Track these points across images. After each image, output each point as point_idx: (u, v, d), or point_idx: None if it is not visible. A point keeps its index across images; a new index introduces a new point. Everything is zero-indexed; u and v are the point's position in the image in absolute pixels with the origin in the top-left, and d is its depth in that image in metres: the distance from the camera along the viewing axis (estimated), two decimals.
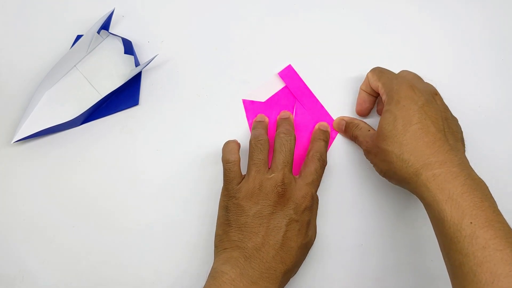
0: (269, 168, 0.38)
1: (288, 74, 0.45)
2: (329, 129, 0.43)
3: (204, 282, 0.34)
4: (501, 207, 0.33)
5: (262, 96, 0.45)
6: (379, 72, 0.41)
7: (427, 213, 0.34)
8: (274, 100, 0.45)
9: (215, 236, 0.37)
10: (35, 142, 0.44)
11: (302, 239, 0.36)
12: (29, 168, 0.43)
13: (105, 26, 0.46)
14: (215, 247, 0.37)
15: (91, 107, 0.43)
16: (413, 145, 0.34)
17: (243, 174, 0.38)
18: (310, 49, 0.46)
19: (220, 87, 0.45)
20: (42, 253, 0.41)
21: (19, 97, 0.45)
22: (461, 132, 0.39)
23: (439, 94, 0.39)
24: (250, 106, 0.44)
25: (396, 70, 0.46)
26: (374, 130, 0.41)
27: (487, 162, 0.44)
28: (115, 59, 0.46)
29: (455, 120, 0.40)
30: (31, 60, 0.46)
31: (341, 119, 0.44)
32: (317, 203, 0.39)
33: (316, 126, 0.43)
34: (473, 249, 0.30)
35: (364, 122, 0.43)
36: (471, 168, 0.35)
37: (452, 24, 0.47)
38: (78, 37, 0.46)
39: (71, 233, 0.42)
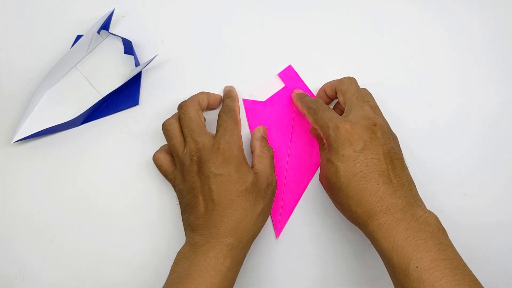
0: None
1: (288, 74, 0.45)
2: (231, 87, 0.45)
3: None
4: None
5: (262, 95, 0.45)
6: (313, 113, 0.39)
7: (382, 261, 0.35)
8: (274, 100, 0.45)
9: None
10: (35, 142, 0.44)
11: (239, 185, 0.36)
12: (29, 168, 0.43)
13: (105, 26, 0.46)
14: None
15: (91, 107, 0.43)
16: (358, 196, 0.35)
17: None
18: (310, 49, 0.46)
19: (220, 87, 0.45)
20: (42, 253, 0.41)
21: (19, 97, 0.45)
22: (400, 150, 0.38)
23: (379, 123, 0.37)
24: (251, 106, 0.44)
25: (396, 69, 0.46)
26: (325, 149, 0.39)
27: (488, 161, 0.44)
28: (115, 59, 0.46)
29: (396, 141, 0.39)
30: (31, 60, 0.46)
31: (315, 129, 0.42)
32: (232, 150, 0.38)
33: (224, 90, 0.45)
34: None
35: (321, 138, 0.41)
36: (417, 204, 0.35)
37: (452, 24, 0.47)
38: (78, 37, 0.46)
39: (71, 233, 0.42)
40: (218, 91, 0.45)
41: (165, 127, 0.40)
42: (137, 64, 0.44)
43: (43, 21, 0.47)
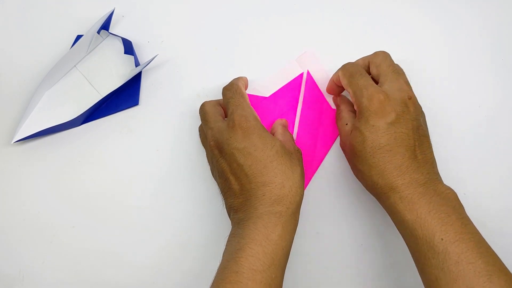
0: None
1: (307, 60, 0.45)
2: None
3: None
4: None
5: (266, 91, 0.45)
6: (349, 76, 0.38)
7: (399, 231, 0.35)
8: (278, 95, 0.45)
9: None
10: (35, 142, 0.44)
11: (268, 150, 0.35)
12: (29, 168, 0.43)
13: (105, 26, 0.46)
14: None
15: (91, 107, 0.43)
16: (381, 168, 0.35)
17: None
18: (310, 49, 0.46)
19: (220, 87, 0.45)
20: (42, 253, 0.41)
21: (19, 97, 0.45)
22: (427, 128, 0.38)
23: (413, 96, 0.37)
24: (254, 101, 0.44)
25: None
26: (352, 122, 0.40)
27: (488, 161, 0.44)
28: (115, 59, 0.46)
29: (424, 118, 0.39)
30: (31, 60, 0.46)
31: (336, 99, 0.44)
32: (240, 98, 0.39)
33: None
34: (447, 264, 0.31)
35: (347, 110, 0.41)
36: (439, 180, 0.35)
37: (452, 24, 0.47)
38: (78, 37, 0.46)
39: (71, 233, 0.42)
40: (218, 91, 0.45)
41: (200, 128, 0.42)
42: (137, 64, 0.44)
43: (43, 21, 0.47)
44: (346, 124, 0.40)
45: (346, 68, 0.39)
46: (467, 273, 0.30)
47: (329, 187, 0.43)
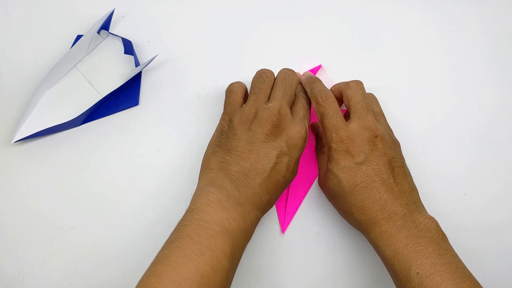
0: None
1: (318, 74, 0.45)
2: (311, 75, 0.43)
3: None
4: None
5: None
6: (321, 115, 0.38)
7: (385, 267, 0.36)
8: None
9: (204, 154, 0.38)
10: (35, 142, 0.44)
11: (290, 175, 0.36)
12: (29, 168, 0.43)
13: (105, 26, 0.46)
14: (201, 167, 0.37)
15: (91, 107, 0.43)
16: (361, 204, 0.35)
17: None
18: (310, 49, 0.46)
19: (220, 87, 0.45)
20: (42, 253, 0.41)
21: (19, 97, 0.45)
22: (403, 157, 0.38)
23: (380, 134, 0.37)
24: None
25: (396, 71, 0.46)
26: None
27: (487, 161, 0.44)
28: (115, 59, 0.46)
29: (398, 149, 0.38)
30: (31, 60, 0.46)
31: (317, 125, 0.43)
32: (306, 142, 0.38)
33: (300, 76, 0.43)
34: None
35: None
36: (418, 211, 0.35)
37: (452, 24, 0.47)
38: (78, 37, 0.46)
39: (71, 233, 0.42)
40: (218, 91, 0.45)
41: (263, 71, 0.39)
42: (137, 64, 0.44)
43: (43, 21, 0.47)
44: (327, 164, 0.39)
45: (317, 102, 0.38)
46: None
47: None
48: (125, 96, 0.44)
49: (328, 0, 0.48)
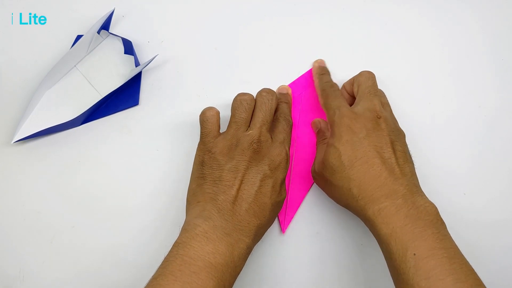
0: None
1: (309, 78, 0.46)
2: (289, 91, 0.44)
3: None
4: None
5: None
6: (325, 97, 0.41)
7: (379, 245, 0.35)
8: (298, 83, 0.45)
9: (188, 191, 0.37)
10: (35, 142, 0.44)
11: (276, 196, 0.36)
12: (29, 168, 0.43)
13: (105, 26, 0.46)
14: (187, 202, 0.37)
15: (91, 107, 0.43)
16: (360, 180, 0.35)
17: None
18: (310, 49, 0.46)
19: (220, 87, 0.45)
20: (42, 253, 0.41)
21: (19, 97, 0.45)
22: (407, 146, 0.39)
23: (383, 116, 0.38)
24: None
25: (396, 70, 0.46)
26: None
27: (487, 161, 0.44)
28: (115, 59, 0.46)
29: (401, 137, 0.39)
30: (31, 60, 0.46)
31: (319, 122, 0.44)
32: (289, 163, 0.39)
33: (276, 91, 0.44)
34: (417, 280, 0.30)
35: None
36: (419, 193, 0.35)
37: (452, 24, 0.47)
38: (78, 37, 0.46)
39: (71, 233, 0.42)
40: (218, 91, 0.45)
41: (243, 97, 0.39)
42: (137, 64, 0.44)
43: (43, 21, 0.47)
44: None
45: (323, 89, 0.41)
46: None
47: None
48: (125, 96, 0.45)
49: (328, 0, 0.48)
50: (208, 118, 0.38)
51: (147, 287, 0.31)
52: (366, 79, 0.40)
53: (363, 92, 0.40)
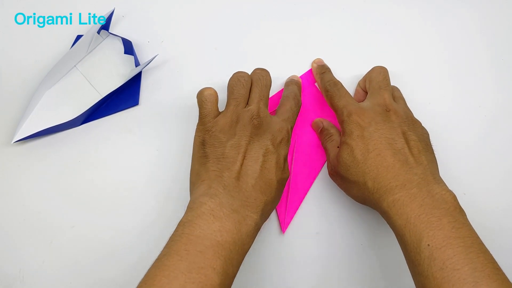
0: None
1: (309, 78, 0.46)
2: (299, 80, 0.44)
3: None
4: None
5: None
6: (330, 97, 0.41)
7: (396, 238, 0.35)
8: (280, 96, 0.45)
9: (191, 172, 0.37)
10: (35, 142, 0.44)
11: (281, 173, 0.36)
12: (29, 168, 0.43)
13: (105, 26, 0.46)
14: (191, 183, 0.37)
15: (91, 107, 0.43)
16: (374, 172, 0.35)
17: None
18: (310, 49, 0.46)
19: (220, 87, 0.45)
20: (42, 253, 0.41)
21: (19, 97, 0.45)
22: (425, 134, 0.38)
23: (393, 109, 0.38)
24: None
25: (396, 70, 0.46)
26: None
27: (487, 161, 0.44)
28: (115, 59, 0.46)
29: (416, 126, 0.38)
30: (31, 60, 0.46)
31: (320, 121, 0.44)
32: (290, 141, 0.39)
33: (288, 79, 0.44)
34: (432, 270, 0.30)
35: (338, 134, 0.42)
36: (436, 181, 0.34)
37: (452, 24, 0.47)
38: (78, 37, 0.46)
39: (71, 233, 0.42)
40: (218, 90, 0.45)
41: (240, 74, 0.39)
42: (137, 64, 0.44)
43: (43, 21, 0.47)
44: (338, 146, 0.41)
45: (327, 89, 0.41)
46: (451, 279, 0.29)
47: (329, 187, 0.43)
48: (125, 96, 0.45)
49: (328, 0, 0.48)
50: (206, 98, 0.38)
51: (152, 268, 0.30)
52: (377, 74, 0.41)
53: (373, 87, 0.40)
